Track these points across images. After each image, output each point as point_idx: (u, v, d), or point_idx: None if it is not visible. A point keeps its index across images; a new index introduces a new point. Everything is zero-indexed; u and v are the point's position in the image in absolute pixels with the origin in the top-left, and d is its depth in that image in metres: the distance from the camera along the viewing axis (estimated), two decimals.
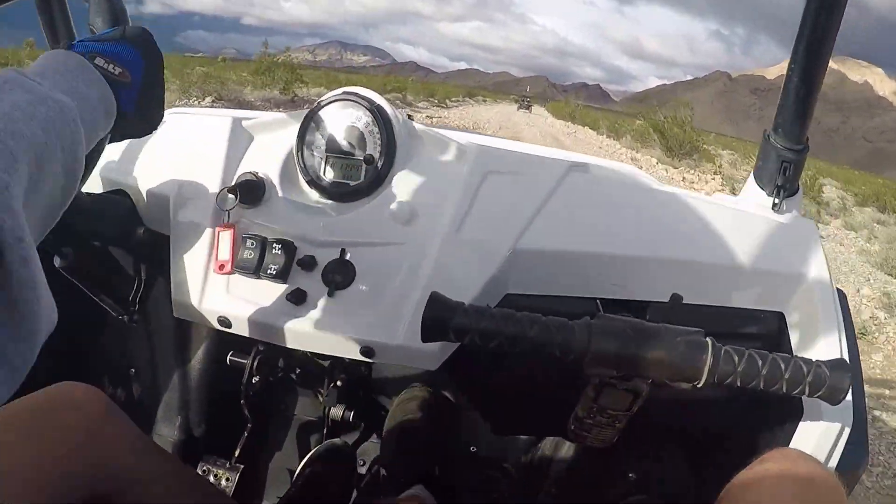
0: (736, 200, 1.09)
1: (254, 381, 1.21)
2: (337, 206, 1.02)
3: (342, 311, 0.95)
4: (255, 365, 1.20)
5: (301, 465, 1.25)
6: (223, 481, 1.32)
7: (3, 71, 0.51)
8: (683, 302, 0.74)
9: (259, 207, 1.01)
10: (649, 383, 0.71)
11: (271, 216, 1.00)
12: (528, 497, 1.15)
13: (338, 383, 1.22)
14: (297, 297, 0.95)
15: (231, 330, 1.00)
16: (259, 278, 0.97)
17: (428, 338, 0.72)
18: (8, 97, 0.47)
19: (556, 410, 0.87)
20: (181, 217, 1.02)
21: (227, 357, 1.22)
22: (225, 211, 0.99)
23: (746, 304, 0.99)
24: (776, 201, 1.03)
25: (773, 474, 0.69)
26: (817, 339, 0.88)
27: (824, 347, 0.87)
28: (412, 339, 0.91)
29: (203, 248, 1.00)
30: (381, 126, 1.00)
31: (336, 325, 0.94)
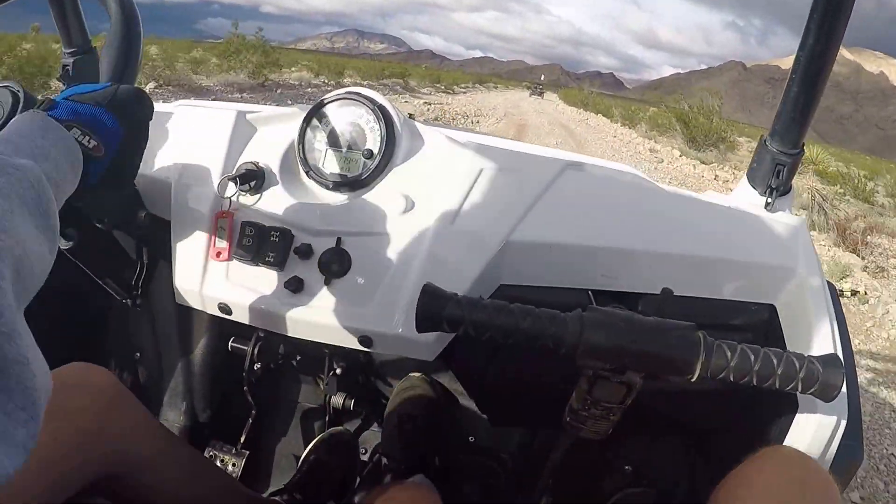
0: (728, 198, 1.10)
1: (255, 367, 1.22)
2: (334, 196, 1.03)
3: (339, 299, 0.96)
4: (255, 352, 1.21)
5: (305, 451, 1.27)
6: (230, 466, 1.34)
7: None
8: (675, 294, 0.75)
9: (258, 196, 1.02)
10: (642, 376, 0.72)
11: (269, 204, 1.01)
12: (525, 487, 1.16)
13: (337, 371, 1.23)
14: (294, 285, 0.96)
15: (231, 317, 1.02)
16: (257, 265, 0.98)
17: (422, 328, 0.72)
18: None
19: (552, 402, 0.87)
20: (182, 203, 1.03)
21: (229, 343, 1.23)
22: (224, 198, 1.00)
23: (737, 297, 0.99)
24: (769, 200, 1.04)
25: (767, 473, 0.69)
26: (809, 333, 0.88)
27: (817, 341, 0.87)
28: (408, 329, 0.91)
29: (203, 235, 1.01)
30: (382, 123, 1.01)
31: (333, 314, 0.95)
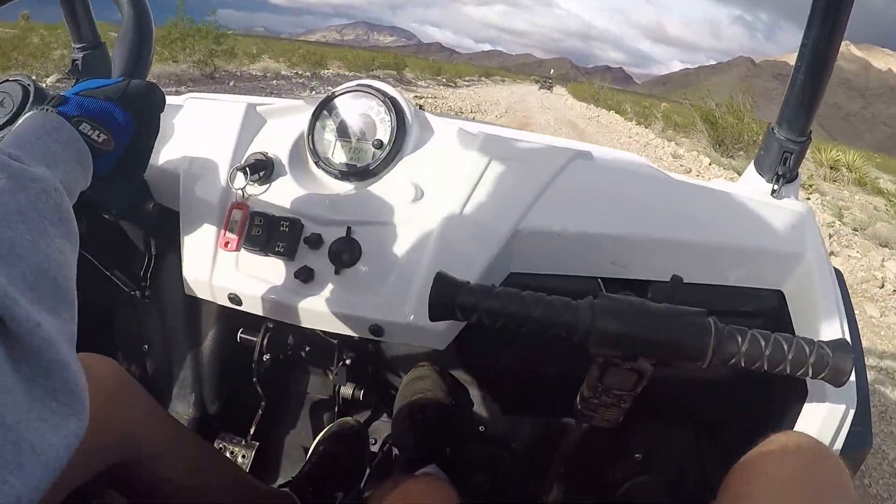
0: (735, 186, 1.10)
1: (264, 358, 1.23)
2: (344, 185, 1.03)
3: (349, 289, 0.96)
4: (264, 343, 1.21)
5: (314, 443, 1.27)
6: (239, 458, 1.34)
7: None
8: (684, 281, 0.75)
9: (267, 186, 1.02)
10: (653, 363, 0.72)
11: (279, 195, 1.02)
12: (536, 476, 1.16)
13: (347, 361, 1.23)
14: (305, 275, 0.96)
15: (241, 307, 1.02)
16: (267, 256, 0.99)
17: (435, 316, 0.72)
18: None
19: (562, 390, 0.87)
20: (190, 193, 1.03)
21: (237, 335, 1.24)
22: (235, 189, 1.00)
23: (746, 283, 0.99)
24: (775, 187, 1.04)
25: (778, 457, 0.69)
26: (817, 319, 0.88)
27: (825, 327, 0.87)
28: (420, 317, 0.92)
29: (212, 226, 1.02)
30: (393, 114, 1.02)
31: (344, 304, 0.95)
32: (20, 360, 0.39)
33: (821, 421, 0.80)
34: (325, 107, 1.05)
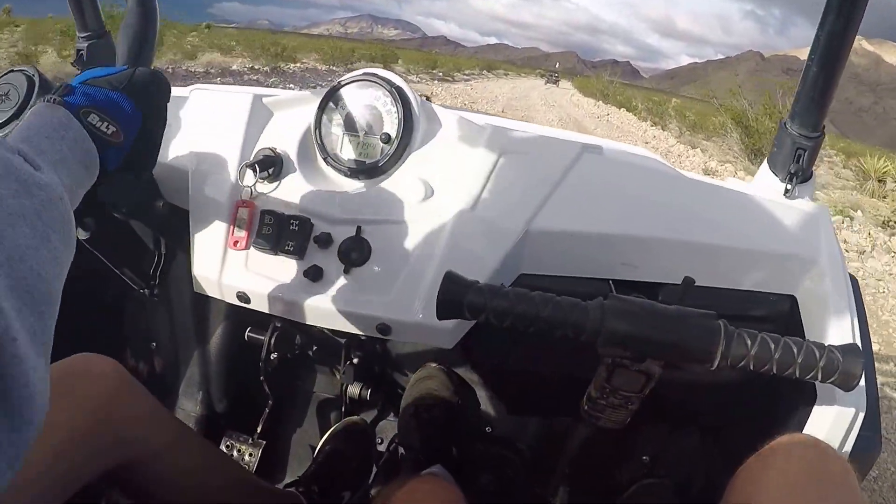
0: (748, 186, 1.09)
1: (272, 357, 1.23)
2: (353, 183, 1.03)
3: (358, 288, 0.96)
4: (272, 342, 1.21)
5: (321, 442, 1.27)
6: (246, 456, 1.34)
7: None
8: (695, 284, 0.74)
9: (276, 184, 1.02)
10: (662, 365, 0.71)
11: (288, 193, 1.01)
12: (542, 477, 1.16)
13: (354, 360, 1.23)
14: (314, 274, 0.96)
15: (250, 306, 1.02)
16: (276, 254, 0.99)
17: (443, 315, 0.72)
18: None
19: (569, 391, 0.87)
20: (199, 191, 1.03)
21: (245, 333, 1.24)
22: (244, 187, 1.00)
23: (758, 288, 0.98)
24: (788, 187, 1.03)
25: (785, 460, 0.69)
26: (829, 324, 0.87)
27: (836, 332, 0.86)
28: (428, 316, 0.91)
29: (222, 224, 1.02)
30: (400, 105, 1.00)
31: (352, 303, 0.95)
32: None
33: (829, 425, 0.79)
34: (332, 98, 1.04)
